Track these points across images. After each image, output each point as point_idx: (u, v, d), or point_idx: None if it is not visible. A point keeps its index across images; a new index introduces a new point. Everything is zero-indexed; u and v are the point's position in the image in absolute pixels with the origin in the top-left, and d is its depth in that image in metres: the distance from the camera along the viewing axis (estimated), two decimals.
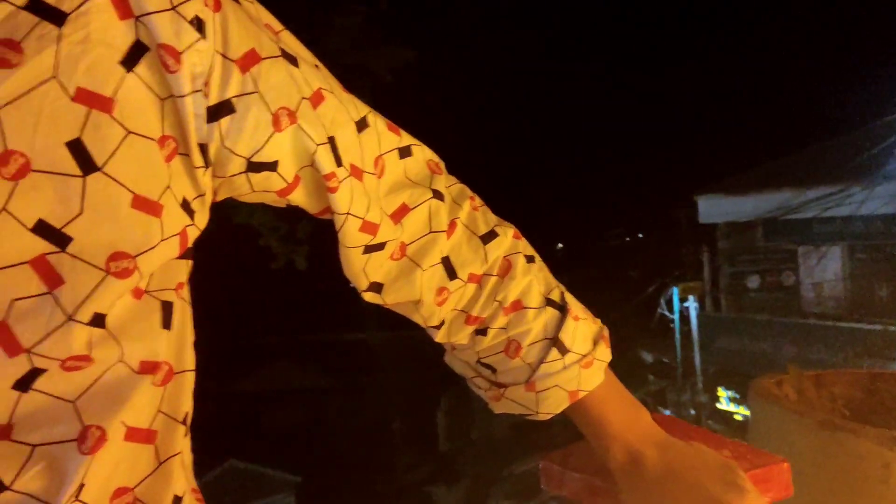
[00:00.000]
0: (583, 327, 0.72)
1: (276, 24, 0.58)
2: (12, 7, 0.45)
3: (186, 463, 0.58)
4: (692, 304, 7.95)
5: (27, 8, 0.45)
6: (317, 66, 0.60)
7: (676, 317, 8.12)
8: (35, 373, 0.48)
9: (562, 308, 0.71)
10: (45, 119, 0.46)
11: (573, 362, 0.71)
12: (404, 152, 0.65)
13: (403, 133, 0.65)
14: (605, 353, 0.72)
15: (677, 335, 8.14)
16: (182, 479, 0.57)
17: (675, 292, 8.16)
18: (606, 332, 0.74)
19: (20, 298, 0.47)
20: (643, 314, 8.72)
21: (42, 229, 0.46)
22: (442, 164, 0.69)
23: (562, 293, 0.72)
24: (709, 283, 8.41)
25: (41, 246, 0.47)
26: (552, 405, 0.71)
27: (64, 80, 0.46)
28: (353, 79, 3.22)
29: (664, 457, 0.71)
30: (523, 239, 0.72)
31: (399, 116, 0.71)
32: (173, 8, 0.48)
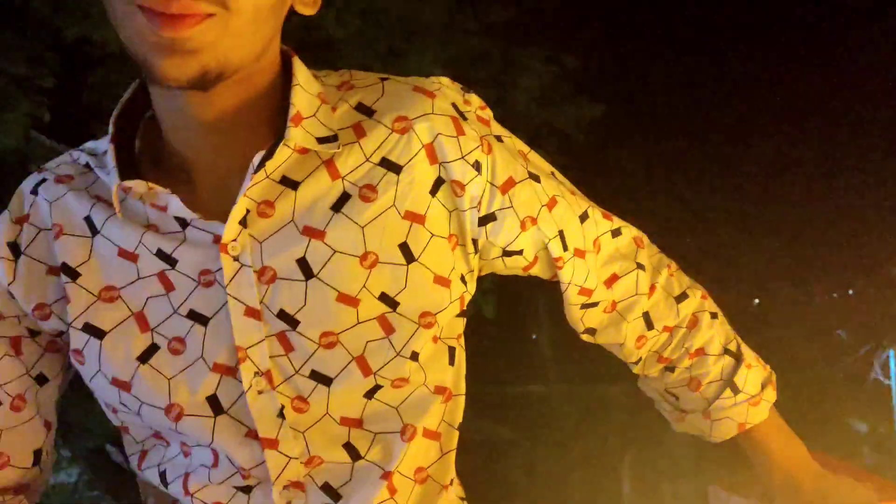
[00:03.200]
0: (754, 373, 0.90)
1: (525, 147, 0.82)
2: (371, 164, 0.71)
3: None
4: None
5: (380, 164, 0.72)
6: (553, 173, 0.83)
7: (894, 383, 7.31)
8: (376, 388, 0.75)
9: (737, 357, 0.90)
10: (388, 231, 0.72)
11: (743, 401, 0.88)
12: (616, 233, 0.85)
13: (615, 218, 0.86)
14: (771, 394, 0.90)
15: (895, 403, 7.31)
16: (454, 468, 0.83)
17: (892, 355, 7.36)
18: (774, 377, 0.92)
19: (371, 340, 0.73)
20: (854, 379, 7.93)
21: (384, 298, 0.73)
22: (645, 239, 0.89)
23: (738, 344, 0.90)
24: None
25: (383, 308, 0.73)
26: (723, 432, 0.90)
27: (398, 206, 0.72)
28: (541, 136, 3.29)
29: (817, 484, 0.87)
30: (709, 299, 0.91)
31: (588, 172, 0.88)
32: (462, 157, 0.73)
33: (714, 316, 0.90)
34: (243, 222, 0.68)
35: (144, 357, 0.72)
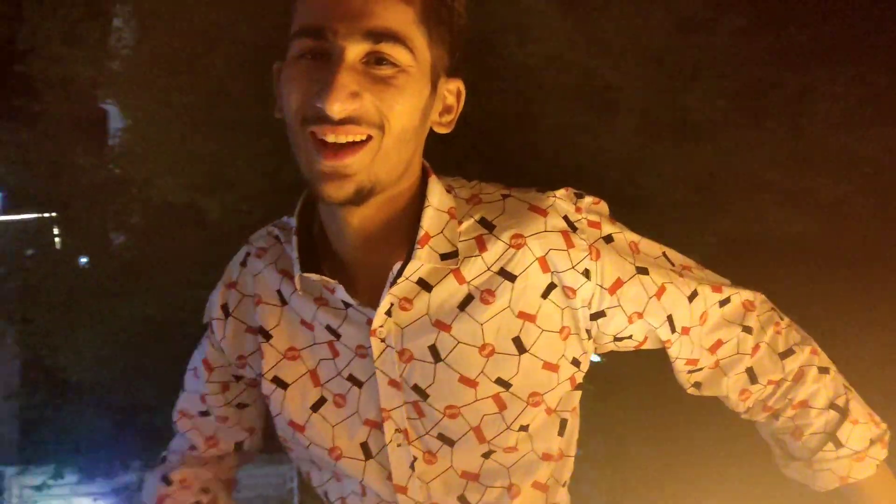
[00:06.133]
0: (860, 429, 0.92)
1: (636, 237, 0.90)
2: (491, 273, 0.84)
3: None
4: None
5: (498, 273, 0.84)
6: (664, 254, 0.92)
7: None
8: (490, 452, 0.89)
9: (843, 412, 0.92)
10: (503, 328, 0.85)
11: (846, 455, 0.91)
12: (724, 302, 0.92)
13: (725, 288, 0.92)
14: (879, 452, 0.92)
15: None
16: None
17: None
18: (887, 436, 0.93)
19: (486, 414, 0.87)
20: None
21: (499, 381, 0.86)
22: (757, 299, 0.95)
23: (847, 400, 0.94)
24: None
25: (497, 389, 0.86)
26: (825, 483, 0.93)
27: (513, 307, 0.85)
28: (842, 165, 2.99)
29: None
30: (820, 353, 0.95)
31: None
32: (573, 267, 0.84)
33: (824, 371, 0.94)
34: (388, 312, 0.85)
35: (316, 407, 0.91)
